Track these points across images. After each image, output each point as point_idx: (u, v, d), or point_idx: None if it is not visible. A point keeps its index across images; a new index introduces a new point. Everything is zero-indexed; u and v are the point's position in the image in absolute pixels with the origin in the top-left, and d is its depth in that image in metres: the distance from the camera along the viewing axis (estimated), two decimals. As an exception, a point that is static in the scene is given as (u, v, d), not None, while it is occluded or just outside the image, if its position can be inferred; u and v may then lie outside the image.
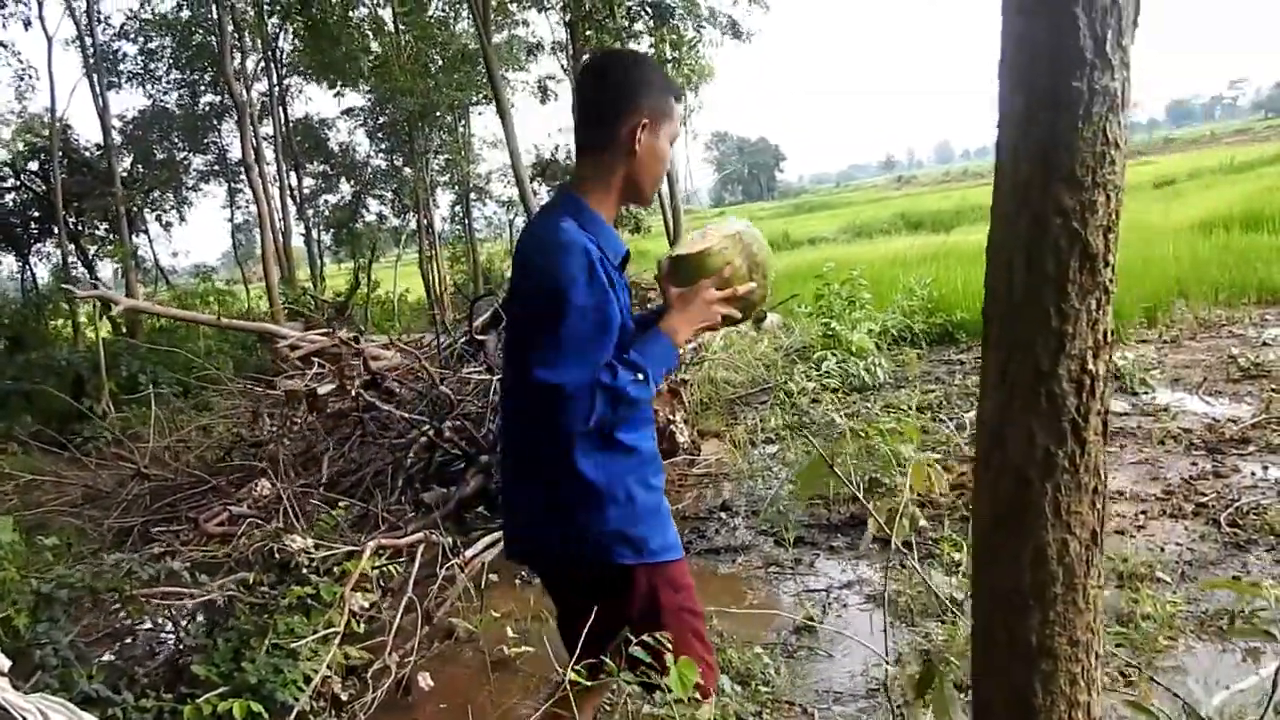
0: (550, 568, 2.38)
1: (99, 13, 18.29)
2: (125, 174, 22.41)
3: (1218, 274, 10.74)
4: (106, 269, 23.04)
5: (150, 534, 5.93)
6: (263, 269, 14.62)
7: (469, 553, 4.89)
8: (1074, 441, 0.91)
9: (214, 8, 13.28)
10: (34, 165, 21.03)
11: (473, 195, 22.30)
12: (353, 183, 24.53)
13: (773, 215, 53.76)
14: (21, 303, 19.26)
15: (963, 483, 5.29)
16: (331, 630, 3.63)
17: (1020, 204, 0.91)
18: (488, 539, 5.12)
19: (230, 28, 15.58)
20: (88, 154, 21.15)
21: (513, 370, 2.22)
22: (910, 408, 7.34)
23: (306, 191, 24.39)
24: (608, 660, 2.06)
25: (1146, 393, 7.00)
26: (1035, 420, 0.91)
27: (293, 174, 23.04)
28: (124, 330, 16.32)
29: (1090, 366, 0.89)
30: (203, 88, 20.71)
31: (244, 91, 16.12)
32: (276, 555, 3.87)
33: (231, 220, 24.74)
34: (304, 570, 3.79)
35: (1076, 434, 0.91)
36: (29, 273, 23.06)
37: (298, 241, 23.61)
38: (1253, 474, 5.09)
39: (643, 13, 10.93)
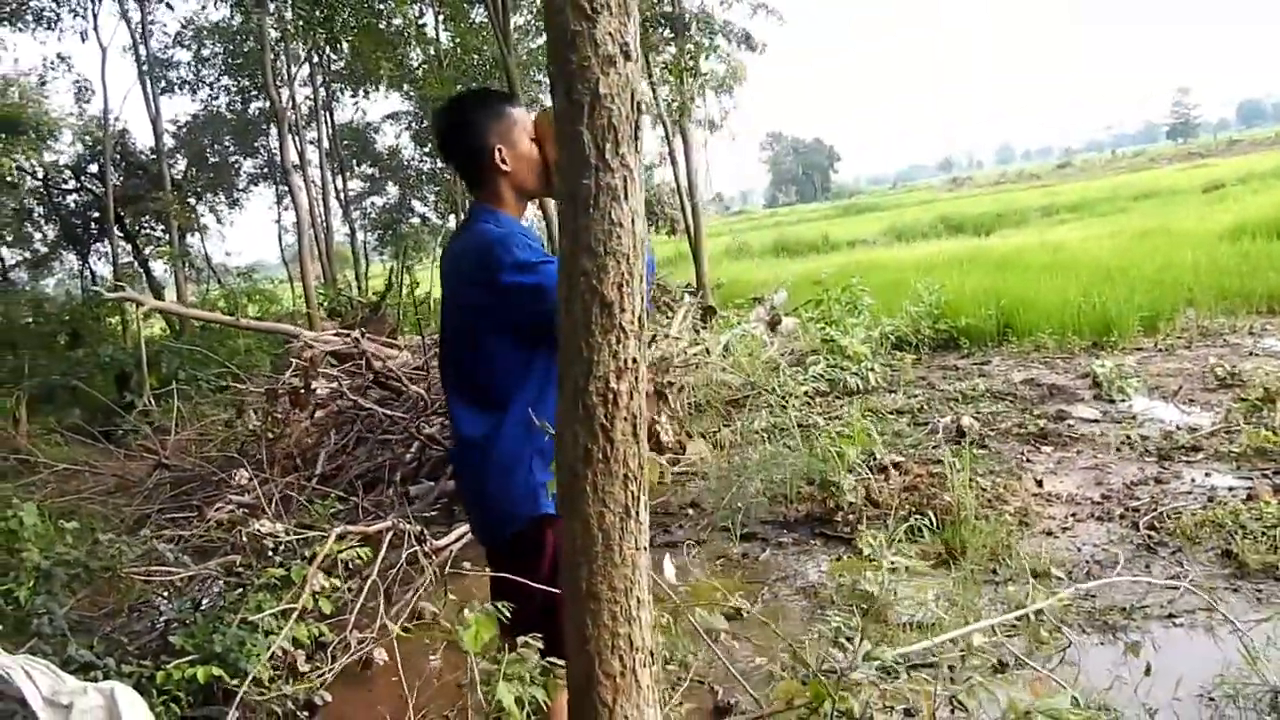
0: (492, 536, 2.56)
1: (153, 21, 19.10)
2: (180, 176, 23.25)
3: (1228, 282, 10.79)
4: (161, 268, 23.87)
5: (163, 520, 6.38)
6: (300, 270, 15.14)
7: (442, 542, 5.26)
8: (605, 440, 1.21)
9: (256, 16, 13.85)
10: (93, 168, 21.93)
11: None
12: (398, 185, 25.19)
13: (821, 217, 53.70)
14: (81, 300, 20.10)
15: (916, 484, 5.53)
16: (289, 607, 4.00)
17: (565, 267, 1.21)
18: (462, 529, 5.48)
19: (276, 35, 16.17)
20: (144, 157, 22.00)
21: (454, 369, 2.52)
22: (893, 411, 7.59)
23: (353, 193, 25.11)
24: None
25: (1122, 400, 7.17)
26: (578, 425, 1.22)
27: (339, 177, 23.76)
28: (176, 328, 17.08)
29: (613, 385, 1.19)
30: (253, 93, 21.47)
31: (289, 98, 16.77)
32: (249, 540, 4.27)
33: (279, 221, 25.59)
34: (270, 554, 4.18)
35: (606, 435, 1.21)
36: (89, 271, 23.98)
37: (344, 241, 24.32)
38: (1192, 481, 5.28)
39: (660, 24, 11.26)
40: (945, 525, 4.80)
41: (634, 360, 1.20)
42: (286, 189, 23.40)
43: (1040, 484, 5.45)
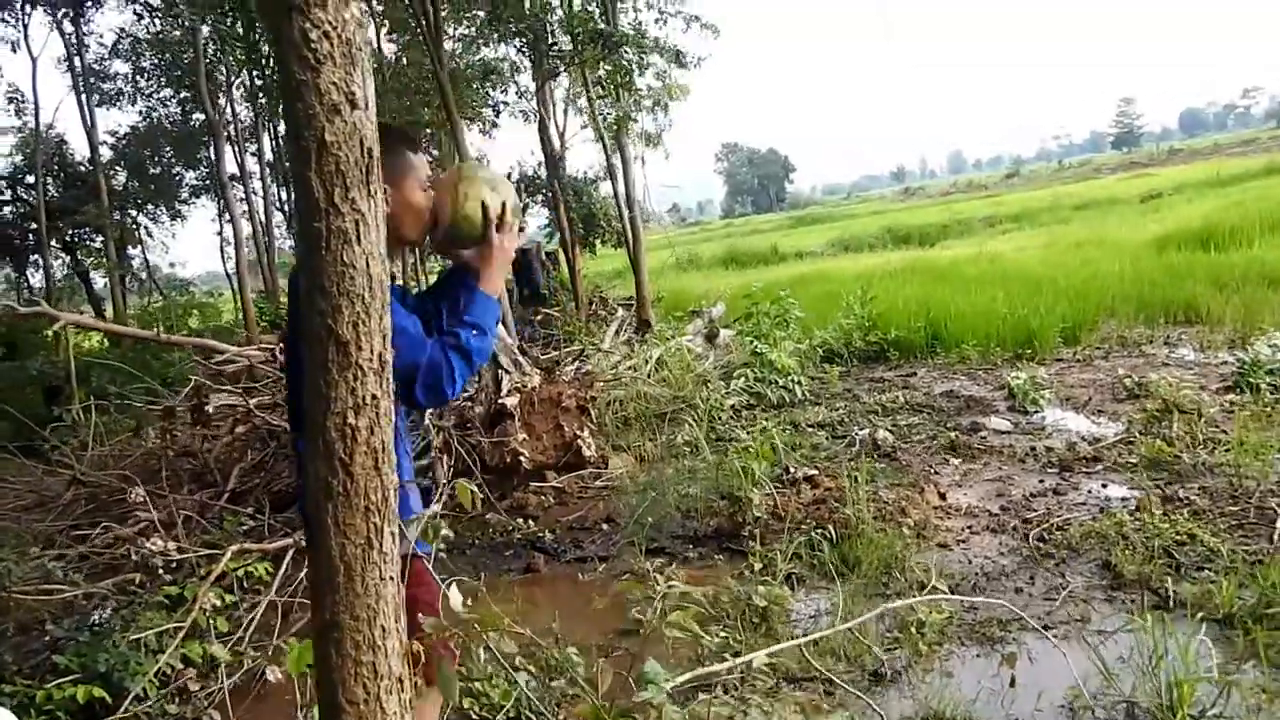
0: None
1: (89, 33, 18.88)
2: (120, 188, 22.93)
3: (1150, 292, 11.05)
4: (101, 280, 23.53)
5: (72, 538, 6.29)
6: (238, 283, 15.01)
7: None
8: (344, 474, 1.24)
9: (189, 29, 13.75)
10: (30, 179, 21.57)
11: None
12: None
13: (773, 228, 54.09)
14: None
15: (825, 498, 5.61)
16: (178, 625, 3.98)
17: (304, 307, 1.25)
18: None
19: (213, 47, 16.04)
20: (82, 168, 21.69)
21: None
22: (814, 424, 7.68)
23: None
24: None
25: (1035, 411, 7.31)
26: (319, 460, 1.26)
27: (283, 189, 23.56)
28: (114, 342, 16.80)
29: (351, 421, 1.23)
30: (192, 105, 21.27)
31: (226, 110, 16.61)
32: (139, 558, 4.24)
33: (220, 234, 25.28)
34: (160, 572, 4.16)
35: (345, 469, 1.24)
36: (25, 282, 23.58)
37: (291, 253, 24.10)
38: (1088, 492, 5.41)
39: (592, 41, 11.31)
40: (843, 539, 4.87)
41: (374, 397, 1.24)
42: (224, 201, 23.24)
43: (944, 496, 5.55)
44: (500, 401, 6.97)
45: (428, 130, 20.80)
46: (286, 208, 23.88)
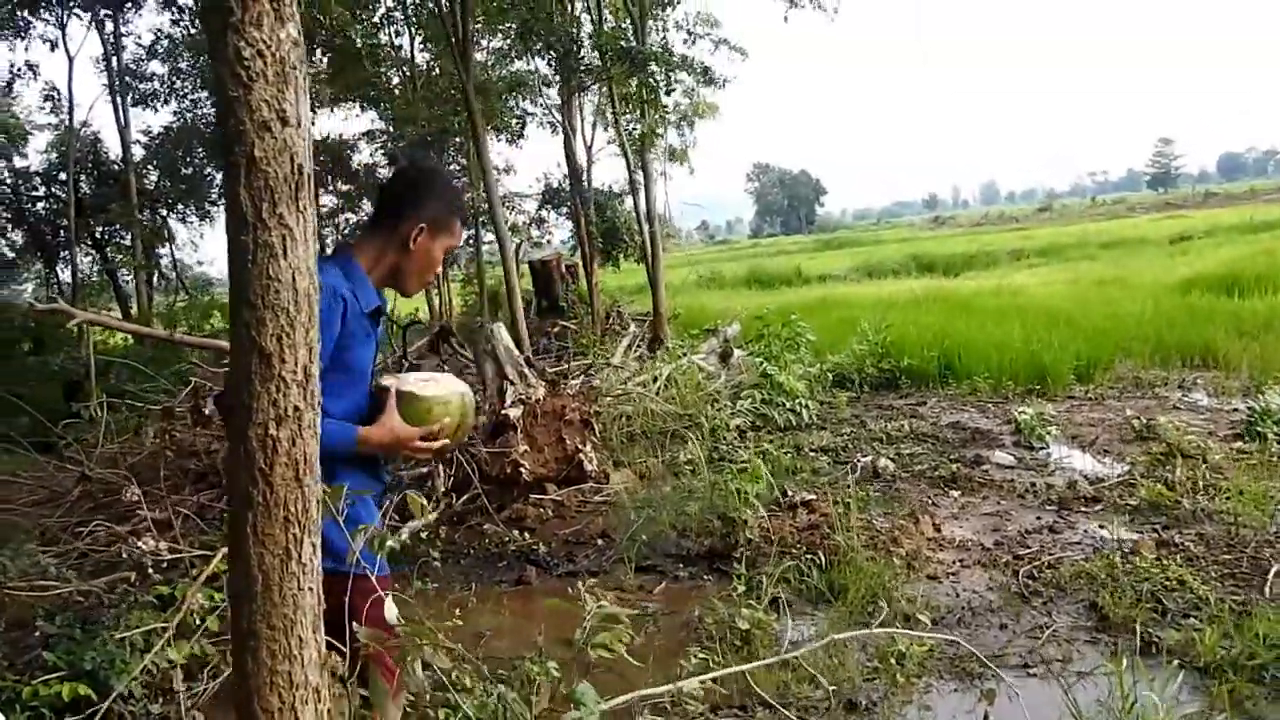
0: None
1: (126, 33, 19.18)
2: (151, 187, 23.19)
3: (1168, 334, 10.95)
4: (130, 277, 23.73)
5: (75, 534, 6.36)
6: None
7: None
8: (264, 484, 1.26)
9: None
10: (64, 175, 21.86)
11: (483, 220, 22.83)
12: (373, 202, 25.23)
13: (800, 250, 54.10)
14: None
15: (819, 523, 5.59)
16: (164, 625, 4.02)
17: (231, 320, 1.27)
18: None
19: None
20: (115, 167, 21.95)
21: None
22: (818, 449, 7.66)
23: (328, 209, 25.09)
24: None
25: (1041, 447, 7.27)
26: (239, 469, 1.28)
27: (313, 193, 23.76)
28: (137, 340, 16.98)
29: (272, 432, 1.25)
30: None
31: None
32: (129, 557, 4.28)
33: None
34: (150, 571, 4.19)
35: (265, 479, 1.26)
36: (55, 278, 23.86)
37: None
38: (1085, 531, 5.37)
39: (620, 59, 11.40)
40: (832, 565, 4.85)
41: (296, 409, 1.26)
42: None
43: (939, 528, 5.52)
44: (503, 412, 6.99)
45: (456, 139, 21.02)
46: (316, 212, 24.11)
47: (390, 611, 2.37)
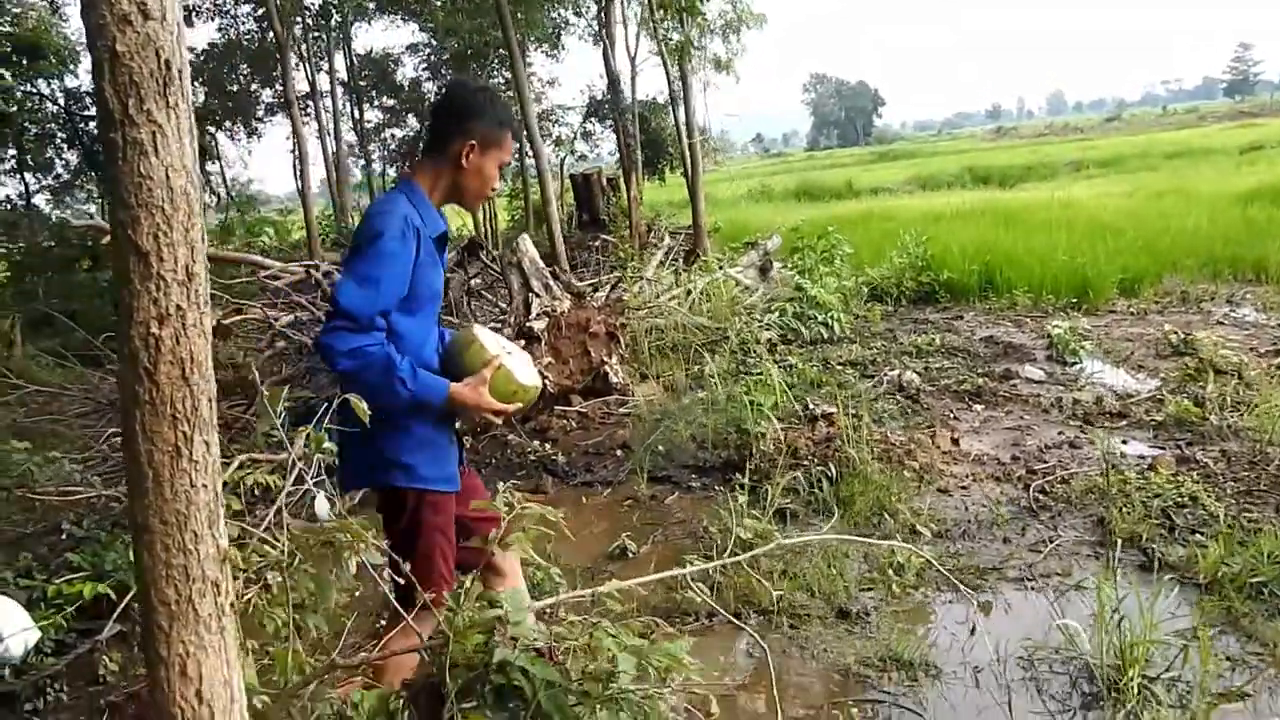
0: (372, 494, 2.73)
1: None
2: (198, 105, 23.32)
3: (1222, 248, 10.61)
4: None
5: (107, 443, 6.56)
6: (302, 201, 15.26)
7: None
8: (150, 383, 1.26)
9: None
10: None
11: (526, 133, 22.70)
12: (417, 118, 25.12)
13: (855, 162, 53.00)
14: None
15: (834, 436, 5.56)
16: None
17: (110, 219, 1.27)
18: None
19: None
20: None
21: None
22: (846, 362, 7.59)
23: (373, 125, 25.10)
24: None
25: (1074, 362, 7.13)
26: (126, 367, 1.28)
27: (358, 108, 23.78)
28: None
29: (154, 331, 1.25)
30: (268, 23, 21.44)
31: (297, 27, 16.69)
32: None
33: (294, 152, 25.65)
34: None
35: (151, 378, 1.26)
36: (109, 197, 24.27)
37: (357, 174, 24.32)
38: (1106, 447, 5.26)
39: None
40: (842, 478, 4.84)
41: (179, 308, 1.26)
42: (306, 119, 23.50)
43: (956, 442, 5.46)
44: (528, 325, 7.02)
45: (500, 51, 20.77)
46: (360, 127, 24.11)
47: (322, 507, 2.41)
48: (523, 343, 6.88)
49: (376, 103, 25.28)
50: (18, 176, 23.01)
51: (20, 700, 3.51)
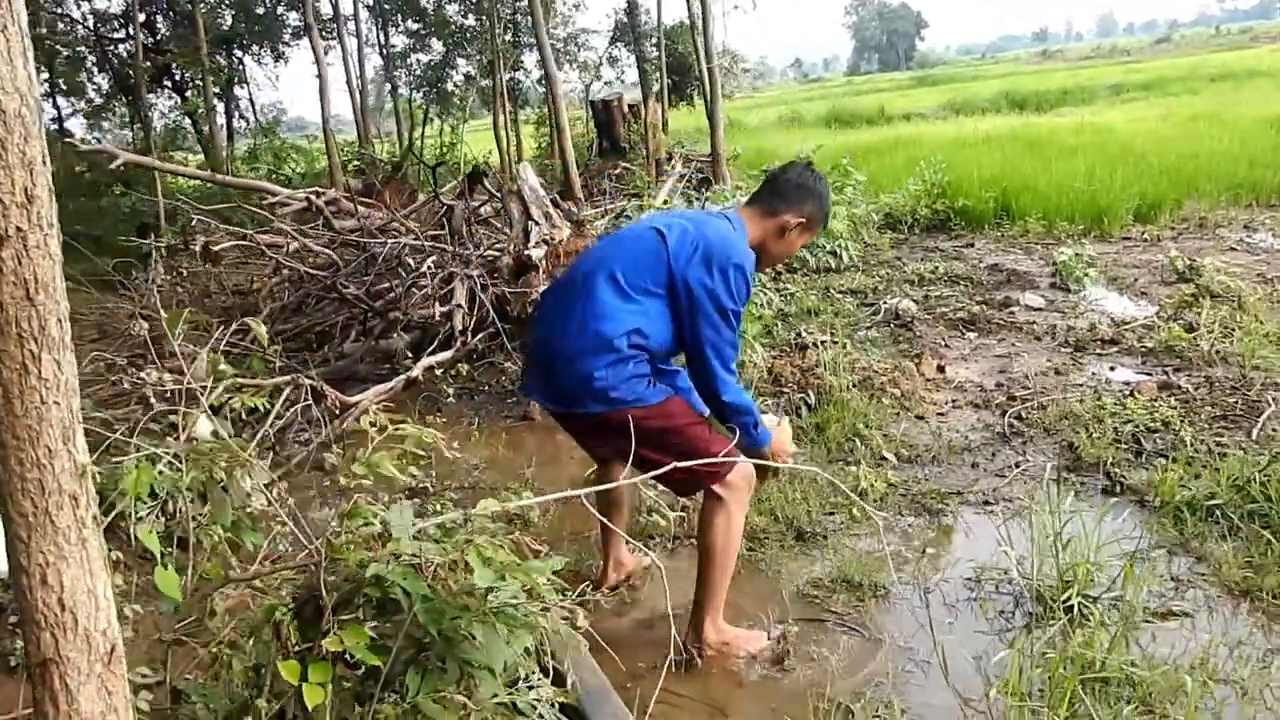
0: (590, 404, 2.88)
1: None
2: (226, 29, 23.27)
3: (1246, 173, 10.38)
4: (220, 120, 23.99)
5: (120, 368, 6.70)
6: (323, 128, 15.25)
7: (354, 398, 5.49)
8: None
9: None
10: (142, 17, 21.99)
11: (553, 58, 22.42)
12: (442, 42, 24.88)
13: (893, 87, 51.91)
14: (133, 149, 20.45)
15: (821, 363, 5.58)
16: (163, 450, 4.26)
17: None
18: (382, 388, 5.71)
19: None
20: (189, 6, 22.01)
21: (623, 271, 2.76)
22: (847, 290, 7.57)
23: (398, 49, 24.88)
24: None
25: (1077, 289, 7.06)
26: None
27: (383, 33, 23.60)
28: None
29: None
30: (290, -56, 21.27)
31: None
32: (131, 388, 4.53)
33: (319, 77, 25.51)
34: (152, 401, 4.43)
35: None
36: (140, 121, 24.33)
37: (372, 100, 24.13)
38: (1093, 374, 5.25)
39: None
40: (821, 405, 4.87)
41: (19, 229, 1.30)
42: (330, 43, 23.33)
43: (942, 370, 5.46)
44: (526, 253, 7.04)
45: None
46: (385, 52, 23.93)
47: (203, 428, 2.48)
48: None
49: (401, 27, 25.05)
50: (50, 101, 23.16)
51: None
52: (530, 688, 1.90)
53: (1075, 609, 2.96)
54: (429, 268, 6.29)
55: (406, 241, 6.74)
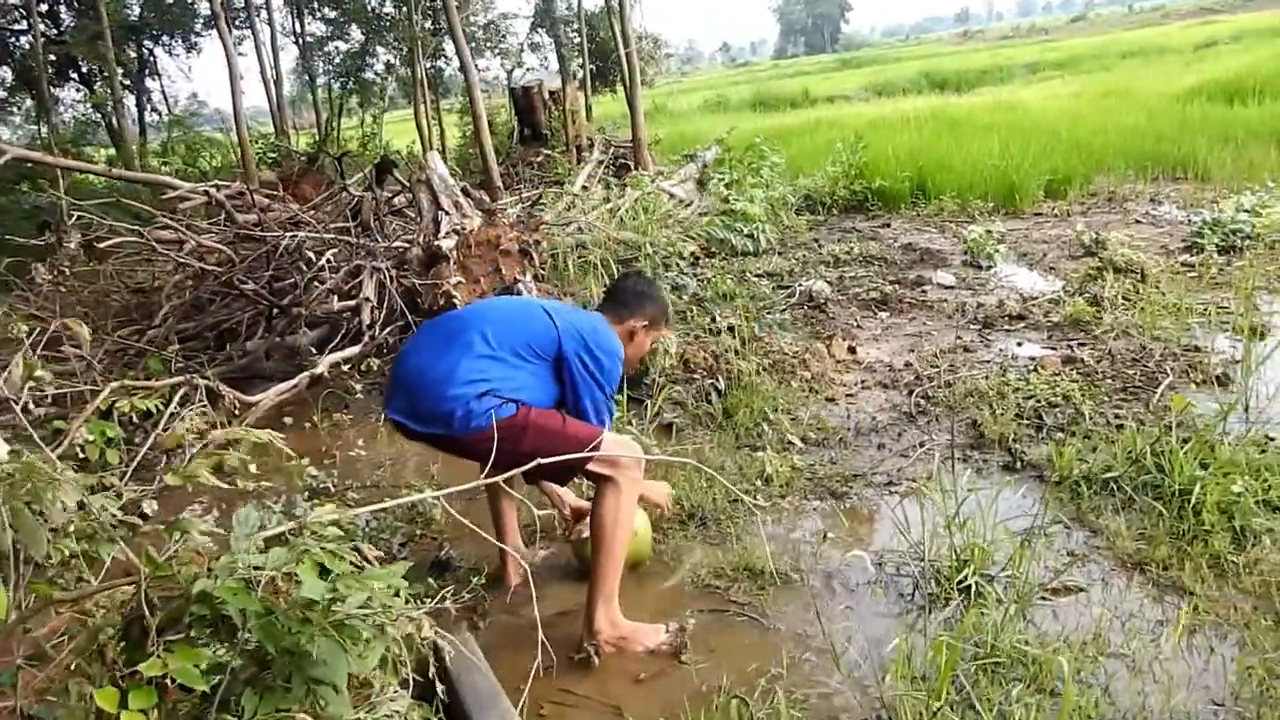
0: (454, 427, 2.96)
1: None
2: (135, 19, 22.58)
3: (1153, 147, 10.58)
4: (131, 112, 23.25)
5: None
6: (235, 120, 14.83)
7: (255, 398, 5.32)
8: None
9: None
10: (44, 7, 21.23)
11: (472, 46, 22.06)
12: (362, 29, 24.38)
13: (818, 70, 52.24)
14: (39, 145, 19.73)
15: (726, 349, 5.53)
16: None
17: None
18: (282, 387, 5.54)
19: None
20: (92, -3, 21.29)
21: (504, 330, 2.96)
22: (763, 274, 7.54)
23: (315, 38, 24.33)
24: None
25: (988, 266, 7.11)
26: None
27: (299, 20, 23.06)
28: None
29: None
30: (199, -70, 20.65)
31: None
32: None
33: (230, 66, 24.83)
34: (29, 407, 4.22)
35: None
36: (44, 115, 23.52)
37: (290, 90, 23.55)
38: (999, 350, 5.29)
39: None
40: (730, 390, 4.83)
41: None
42: (242, 33, 22.75)
43: (853, 351, 5.45)
44: (436, 243, 6.90)
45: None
46: (301, 40, 23.39)
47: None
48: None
49: (319, 14, 24.51)
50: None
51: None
52: (391, 700, 1.81)
53: (972, 589, 2.95)
54: (328, 260, 6.10)
55: (304, 235, 6.54)
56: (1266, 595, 2.81)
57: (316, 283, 6.36)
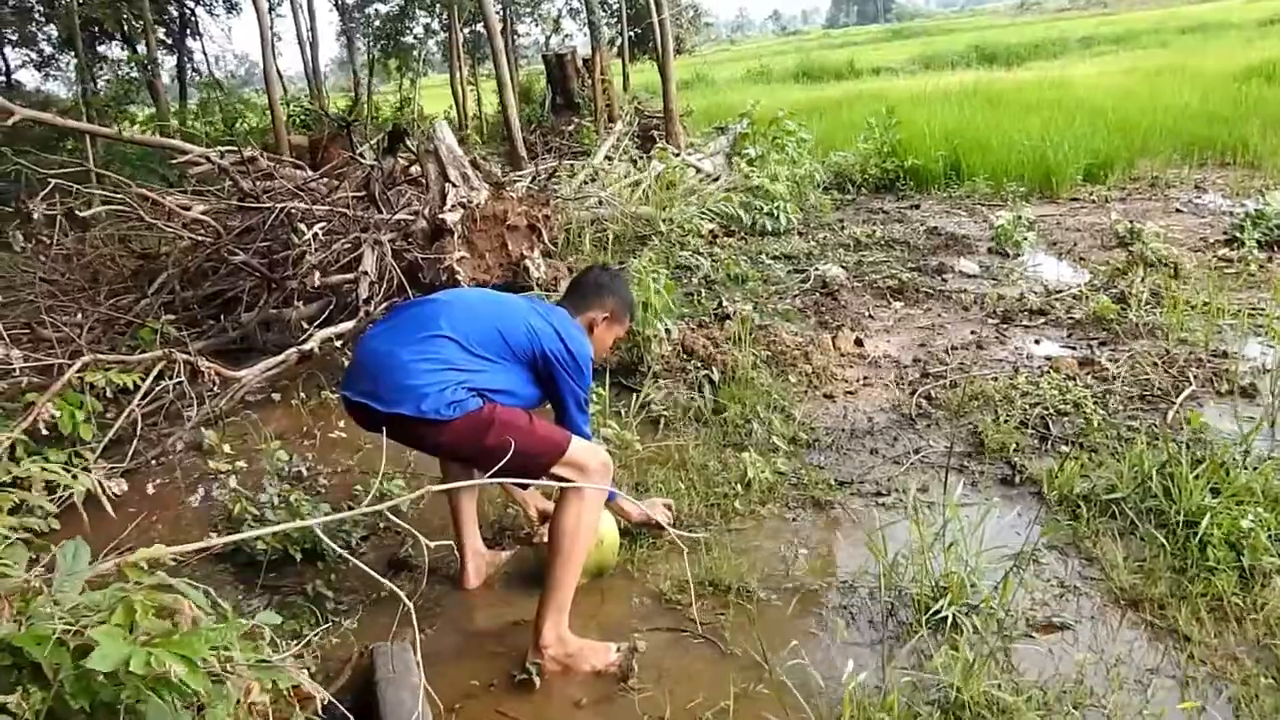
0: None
1: None
2: (176, -21, 22.56)
3: (1202, 129, 10.10)
4: (162, 71, 23.30)
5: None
6: (265, 83, 14.69)
7: (241, 373, 5.17)
8: None
9: None
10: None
11: (511, 11, 21.78)
12: (400, -10, 24.16)
13: (868, 40, 51.25)
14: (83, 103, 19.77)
15: (732, 337, 5.28)
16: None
17: None
18: (269, 363, 5.39)
19: None
20: (132, -45, 21.24)
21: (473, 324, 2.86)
22: (780, 256, 7.26)
23: (353, 2, 24.16)
24: None
25: (1015, 255, 6.79)
26: None
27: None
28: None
29: None
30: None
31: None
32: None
33: (272, 29, 24.72)
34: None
35: None
36: (91, 74, 23.61)
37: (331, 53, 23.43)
38: (1015, 349, 4.99)
39: None
40: (725, 383, 4.59)
41: None
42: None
43: (860, 343, 5.18)
44: (441, 216, 6.70)
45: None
46: (341, 2, 23.24)
47: None
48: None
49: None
50: (-5, 52, 22.53)
51: None
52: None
53: (951, 620, 2.71)
54: (318, 233, 5.93)
55: (294, 206, 6.36)
56: (1270, 646, 2.54)
57: (308, 255, 6.18)
